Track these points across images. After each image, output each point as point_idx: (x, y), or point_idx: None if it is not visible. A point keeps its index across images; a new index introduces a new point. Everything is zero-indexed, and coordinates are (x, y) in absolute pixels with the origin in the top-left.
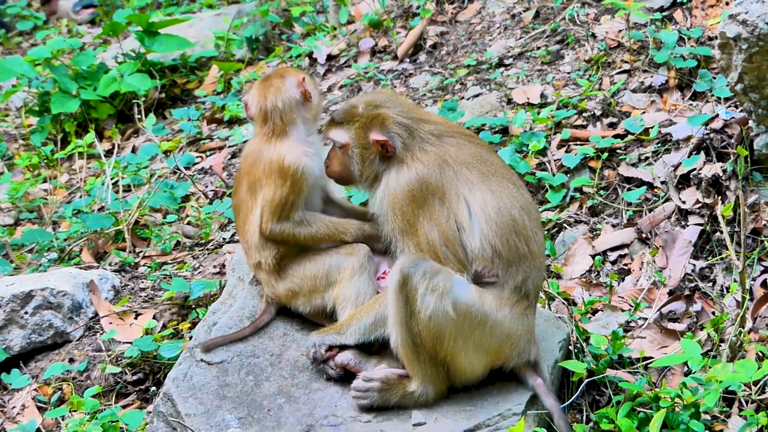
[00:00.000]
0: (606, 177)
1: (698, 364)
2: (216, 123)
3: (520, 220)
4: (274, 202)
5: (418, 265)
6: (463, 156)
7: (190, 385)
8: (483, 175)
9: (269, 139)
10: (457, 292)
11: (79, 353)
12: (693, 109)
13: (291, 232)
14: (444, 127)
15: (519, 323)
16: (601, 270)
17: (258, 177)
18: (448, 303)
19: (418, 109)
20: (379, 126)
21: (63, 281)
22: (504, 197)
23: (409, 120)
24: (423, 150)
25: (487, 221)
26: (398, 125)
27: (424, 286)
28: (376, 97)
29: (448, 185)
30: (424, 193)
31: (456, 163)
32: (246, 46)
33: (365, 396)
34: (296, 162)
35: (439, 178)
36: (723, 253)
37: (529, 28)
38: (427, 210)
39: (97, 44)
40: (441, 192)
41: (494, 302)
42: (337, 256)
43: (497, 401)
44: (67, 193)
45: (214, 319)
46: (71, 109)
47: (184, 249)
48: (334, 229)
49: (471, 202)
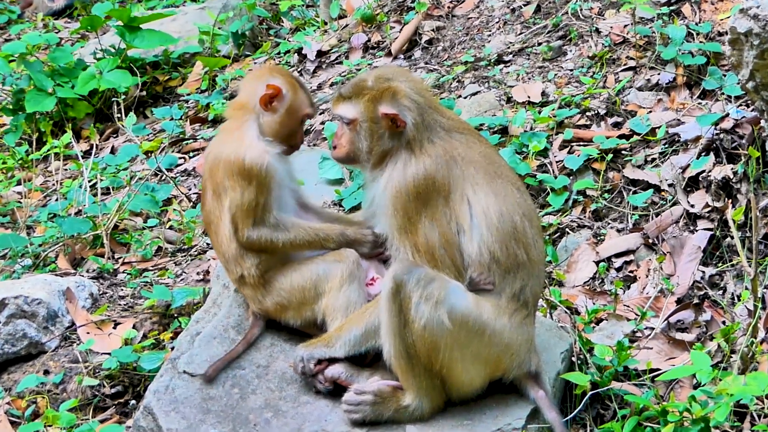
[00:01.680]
0: (610, 179)
1: (708, 377)
2: (200, 122)
3: (521, 227)
4: (244, 206)
5: (411, 272)
6: (472, 155)
7: (172, 399)
8: (489, 176)
9: (230, 134)
10: (453, 301)
11: (54, 365)
12: (702, 108)
13: (269, 238)
14: (454, 122)
15: (519, 332)
16: (605, 277)
17: (220, 180)
18: (444, 312)
19: (430, 92)
20: (390, 99)
21: (38, 289)
22: (507, 202)
23: (422, 99)
24: (431, 142)
25: (488, 226)
26: (410, 101)
27: (418, 295)
28: (386, 71)
29: (454, 184)
30: (429, 190)
31: (464, 162)
32: (232, 42)
33: (357, 410)
34: (258, 161)
35: (446, 175)
36: (734, 259)
37: (530, 22)
38: (430, 208)
39: (74, 39)
40: (446, 191)
41: (493, 311)
42: (325, 264)
43: (496, 415)
44: (43, 196)
45: (198, 329)
46: (47, 107)
47: (166, 255)
48: (314, 235)
49: (474, 205)
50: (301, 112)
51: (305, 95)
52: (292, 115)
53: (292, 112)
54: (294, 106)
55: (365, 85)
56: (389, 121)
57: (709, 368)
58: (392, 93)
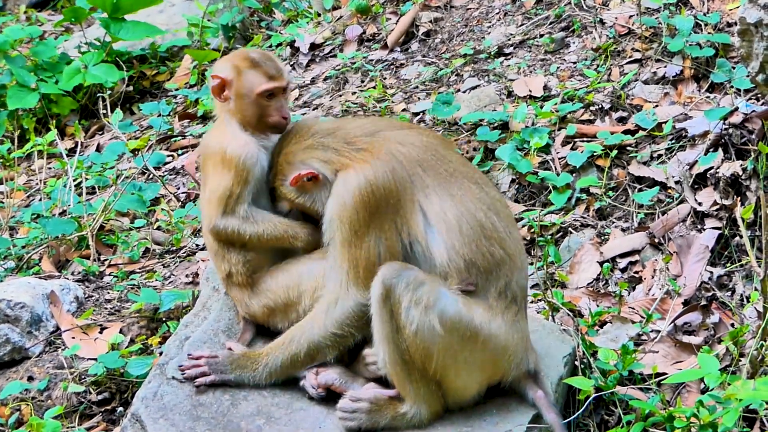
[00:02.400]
0: (615, 177)
1: (716, 381)
2: (188, 118)
3: (488, 224)
4: (218, 193)
5: (400, 276)
6: (415, 153)
7: (161, 405)
8: (440, 176)
9: (216, 129)
10: (443, 305)
11: (38, 371)
12: (710, 102)
13: (236, 230)
14: (372, 124)
15: (513, 332)
16: (609, 278)
17: (205, 172)
18: (434, 317)
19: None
20: (289, 167)
21: (21, 292)
22: (466, 201)
23: (316, 135)
24: (360, 150)
25: (449, 230)
26: (304, 150)
27: (407, 299)
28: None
29: (402, 189)
30: (376, 198)
31: (408, 162)
32: (222, 34)
33: (352, 417)
34: (239, 151)
35: (390, 180)
36: (743, 259)
37: (531, 13)
38: (378, 219)
39: (58, 33)
40: (395, 197)
41: (484, 313)
42: (310, 262)
43: (497, 421)
44: (26, 196)
45: (187, 333)
46: (30, 104)
47: (154, 256)
48: (283, 231)
49: (428, 211)
50: (255, 92)
51: (258, 72)
52: (245, 98)
53: (244, 96)
54: (243, 89)
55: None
56: (303, 184)
57: (717, 372)
58: (288, 162)
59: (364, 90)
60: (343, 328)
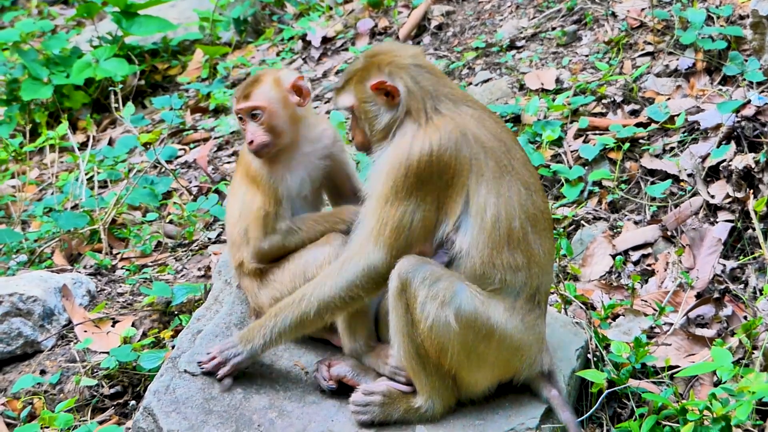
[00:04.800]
0: (627, 169)
1: (729, 374)
2: (200, 112)
3: (519, 233)
4: (256, 215)
5: (417, 270)
6: (485, 138)
7: (173, 399)
8: (497, 169)
9: None
10: (460, 301)
11: (51, 364)
12: (723, 95)
13: (280, 244)
14: (461, 93)
15: (529, 333)
16: (622, 271)
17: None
18: (450, 313)
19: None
20: (376, 71)
21: (33, 286)
22: (510, 204)
23: (416, 67)
24: (438, 112)
25: (480, 229)
26: (399, 67)
27: (423, 294)
28: (375, 47)
29: (459, 169)
30: (431, 168)
31: (475, 144)
32: (233, 28)
33: (365, 411)
34: (261, 170)
35: (454, 155)
36: (756, 251)
37: (543, 6)
38: (424, 189)
39: (70, 27)
40: (450, 174)
41: (504, 312)
42: (314, 249)
43: (509, 414)
44: (38, 190)
45: (199, 327)
46: (42, 96)
47: (166, 250)
48: (325, 225)
49: (471, 199)
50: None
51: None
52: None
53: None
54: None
55: (353, 69)
56: (382, 94)
57: (730, 365)
58: (377, 65)
59: None
60: (354, 288)
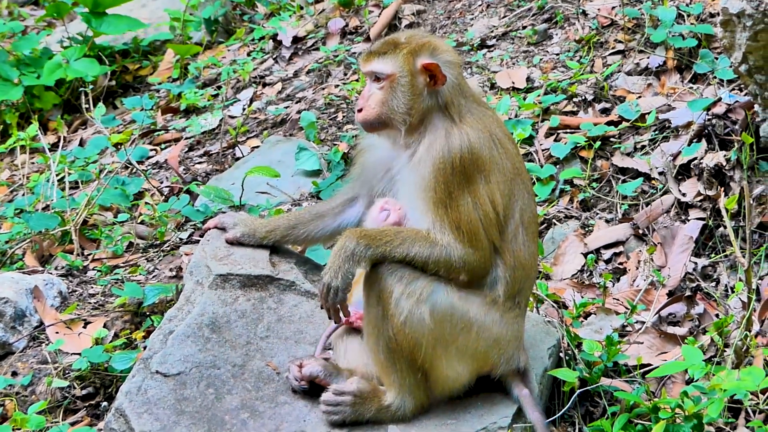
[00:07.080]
0: (599, 168)
1: (701, 372)
2: (171, 112)
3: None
4: None
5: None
6: (504, 140)
7: (145, 400)
8: (513, 171)
9: None
10: (436, 298)
11: (22, 366)
12: (693, 93)
13: None
14: (479, 97)
15: (508, 328)
16: (594, 270)
17: None
18: (426, 309)
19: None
20: (430, 52)
21: (4, 287)
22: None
23: (458, 61)
24: (469, 112)
25: None
26: (450, 57)
27: (399, 290)
28: (418, 31)
29: (494, 166)
30: (473, 167)
31: (500, 145)
32: (204, 28)
33: (336, 411)
34: None
35: (488, 153)
36: (727, 249)
37: (514, 5)
38: (473, 185)
39: (40, 27)
40: (487, 170)
41: (482, 306)
42: None
43: (481, 413)
44: (9, 191)
45: (171, 327)
46: (12, 98)
47: (138, 251)
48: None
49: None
50: None
51: None
52: None
53: None
54: None
55: (400, 41)
56: (428, 77)
57: (701, 363)
58: (432, 47)
59: (347, 83)
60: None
